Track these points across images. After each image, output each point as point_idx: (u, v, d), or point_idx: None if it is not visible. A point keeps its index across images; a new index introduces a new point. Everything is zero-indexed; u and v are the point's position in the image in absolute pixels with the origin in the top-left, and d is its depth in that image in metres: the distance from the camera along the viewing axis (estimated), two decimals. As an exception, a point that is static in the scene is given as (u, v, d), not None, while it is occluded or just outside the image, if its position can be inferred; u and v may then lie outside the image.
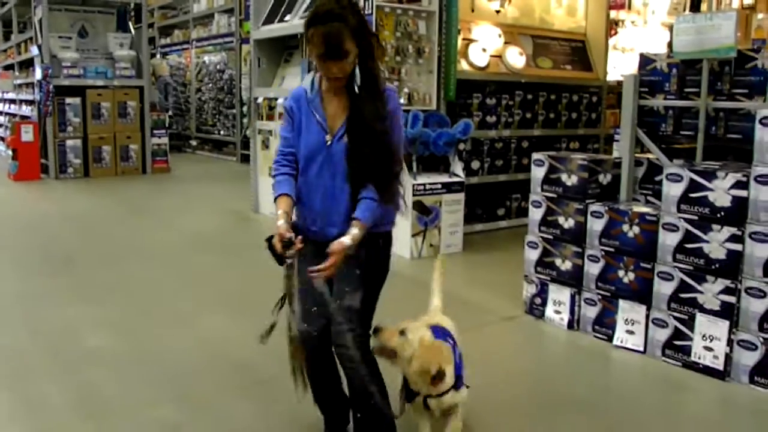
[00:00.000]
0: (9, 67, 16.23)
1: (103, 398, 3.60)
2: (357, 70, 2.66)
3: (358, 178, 2.68)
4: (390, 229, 2.89)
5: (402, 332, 2.67)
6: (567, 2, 8.48)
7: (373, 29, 6.25)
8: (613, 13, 9.14)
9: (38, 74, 11.98)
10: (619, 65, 9.35)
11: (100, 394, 3.65)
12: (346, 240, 2.61)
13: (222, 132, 15.71)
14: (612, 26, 9.13)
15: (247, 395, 3.64)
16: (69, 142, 11.91)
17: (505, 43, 7.60)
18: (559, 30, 8.41)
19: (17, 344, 4.33)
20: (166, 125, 13.54)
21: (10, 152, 12.49)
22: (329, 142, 2.71)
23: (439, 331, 2.84)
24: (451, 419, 2.81)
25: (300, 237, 2.63)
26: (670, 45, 4.53)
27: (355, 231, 2.63)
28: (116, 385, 3.76)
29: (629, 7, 9.76)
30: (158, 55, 18.36)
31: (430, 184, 6.40)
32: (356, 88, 2.68)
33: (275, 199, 2.76)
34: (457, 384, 2.78)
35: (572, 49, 8.42)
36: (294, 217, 2.79)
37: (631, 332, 4.23)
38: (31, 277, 5.85)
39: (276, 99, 8.05)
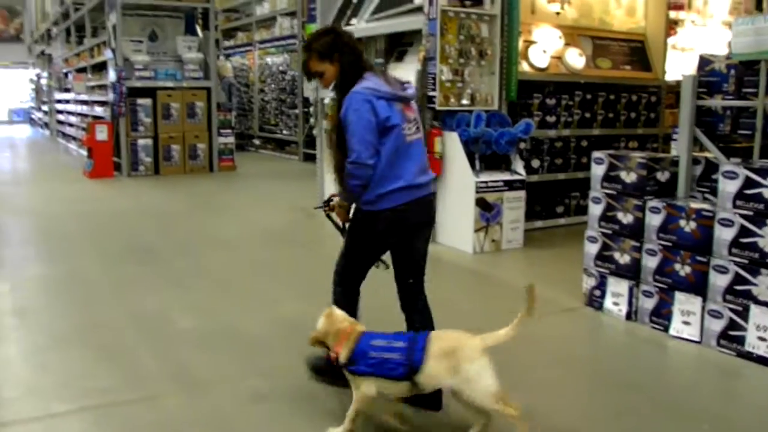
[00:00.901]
0: (82, 70, 16.91)
1: (197, 371, 3.97)
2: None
3: None
4: (369, 210, 3.35)
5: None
6: (626, 3, 8.59)
7: (438, 33, 6.52)
8: (672, 14, 9.20)
9: (112, 76, 12.58)
10: (679, 65, 9.41)
11: (193, 367, 4.02)
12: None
13: (284, 131, 16.15)
14: (671, 26, 9.20)
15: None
16: (140, 141, 12.49)
17: (565, 44, 7.78)
18: (618, 30, 8.54)
19: (115, 324, 4.77)
20: (232, 125, 14.03)
21: (85, 151, 13.12)
22: None
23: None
24: None
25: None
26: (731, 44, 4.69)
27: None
28: (208, 359, 4.13)
29: (689, 7, 9.80)
30: (222, 57, 18.89)
31: (492, 181, 6.64)
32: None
33: None
34: (348, 365, 3.09)
35: (631, 50, 8.54)
36: None
37: (687, 323, 4.41)
38: (118, 265, 6.28)
39: (341, 99, 8.35)
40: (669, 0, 8.79)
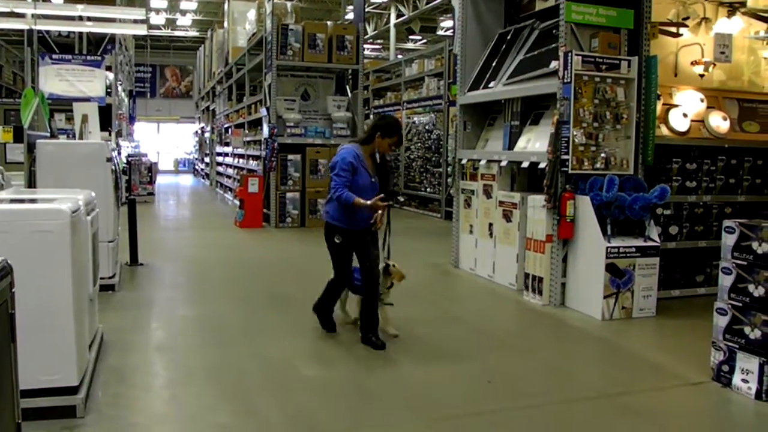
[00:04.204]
0: (240, 126, 18.05)
1: (313, 418, 4.15)
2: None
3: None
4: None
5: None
6: (781, 63, 8.25)
7: (572, 96, 6.54)
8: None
9: (266, 133, 13.38)
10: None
11: (311, 416, 4.19)
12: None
13: (428, 189, 16.44)
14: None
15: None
16: (289, 195, 13.15)
17: (708, 107, 7.54)
18: (770, 92, 8.18)
19: (243, 365, 5.09)
20: (375, 181, 14.44)
21: (237, 202, 13.94)
22: (373, 180, 5.53)
23: None
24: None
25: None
26: None
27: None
28: (326, 407, 4.31)
29: None
30: (371, 116, 19.59)
31: (624, 247, 6.50)
32: (378, 157, 5.65)
33: (352, 201, 5.28)
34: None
35: (784, 113, 8.14)
36: (341, 222, 5.55)
37: (824, 407, 4.14)
38: (254, 311, 6.72)
39: (479, 161, 8.49)
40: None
